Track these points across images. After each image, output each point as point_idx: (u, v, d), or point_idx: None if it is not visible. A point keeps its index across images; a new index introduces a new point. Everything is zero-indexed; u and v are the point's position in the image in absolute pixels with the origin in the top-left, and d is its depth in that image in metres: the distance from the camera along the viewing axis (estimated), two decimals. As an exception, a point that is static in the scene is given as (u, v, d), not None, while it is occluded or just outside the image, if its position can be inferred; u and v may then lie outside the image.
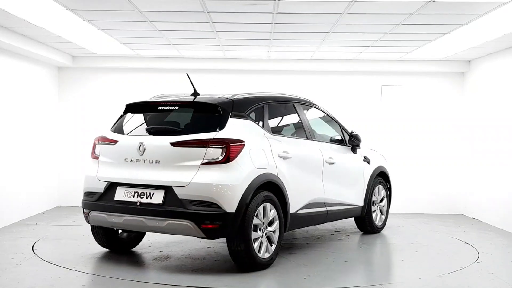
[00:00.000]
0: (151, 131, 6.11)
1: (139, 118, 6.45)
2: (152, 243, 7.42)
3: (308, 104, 7.46)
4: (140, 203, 5.81)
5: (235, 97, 6.26)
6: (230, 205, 5.57)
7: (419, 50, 9.37)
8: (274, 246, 6.11)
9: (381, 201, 8.49)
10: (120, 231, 6.82)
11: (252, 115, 6.28)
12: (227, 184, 5.58)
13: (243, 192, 5.65)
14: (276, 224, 6.13)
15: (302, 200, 6.62)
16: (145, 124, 6.33)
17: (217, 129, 5.80)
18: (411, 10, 6.60)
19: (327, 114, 7.78)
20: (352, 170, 7.80)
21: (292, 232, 8.32)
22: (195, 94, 6.42)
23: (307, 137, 7.03)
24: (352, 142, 7.81)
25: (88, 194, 6.28)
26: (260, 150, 6.03)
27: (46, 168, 10.35)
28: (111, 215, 6.00)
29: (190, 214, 5.54)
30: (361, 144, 8.07)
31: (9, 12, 6.84)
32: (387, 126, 10.85)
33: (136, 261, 6.52)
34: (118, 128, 6.42)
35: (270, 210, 6.05)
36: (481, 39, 8.17)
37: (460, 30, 7.62)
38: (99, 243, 6.81)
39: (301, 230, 8.51)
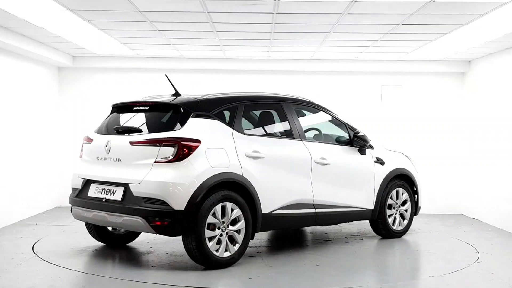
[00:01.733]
0: (118, 131, 6.32)
1: (117, 118, 6.68)
2: (154, 238, 7.47)
3: (306, 105, 7.38)
4: (106, 199, 6.12)
5: (205, 97, 6.39)
6: (179, 203, 5.69)
7: (419, 50, 9.37)
8: (237, 246, 6.11)
9: (403, 204, 8.06)
10: None
11: (221, 114, 6.33)
12: (176, 182, 5.72)
13: (193, 191, 5.74)
14: (240, 224, 6.12)
15: (279, 200, 6.52)
16: (116, 124, 6.59)
17: (175, 129, 5.97)
18: (411, 10, 6.60)
19: (331, 115, 7.59)
20: (356, 171, 7.49)
21: (306, 233, 8.32)
22: (176, 94, 6.59)
23: (293, 137, 6.89)
24: (357, 143, 7.51)
25: (72, 190, 6.71)
26: (219, 150, 6.07)
27: (46, 168, 10.35)
28: (84, 210, 6.37)
29: (141, 211, 5.76)
30: (375, 144, 7.84)
31: (9, 12, 6.84)
32: (387, 126, 10.84)
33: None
34: (99, 127, 6.75)
35: (233, 210, 6.06)
36: (481, 39, 8.16)
37: (460, 30, 7.62)
38: (93, 237, 7.09)
39: (318, 231, 8.49)
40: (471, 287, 5.62)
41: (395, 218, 7.97)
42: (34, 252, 6.75)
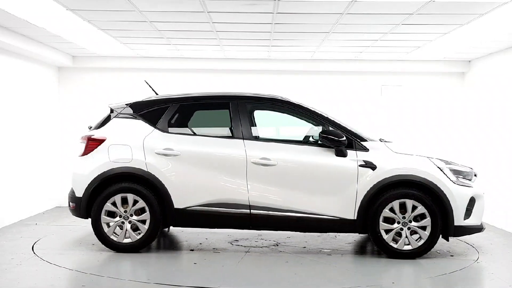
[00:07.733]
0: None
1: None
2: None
3: (280, 105, 6.98)
4: None
5: (143, 99, 7.13)
6: (79, 191, 6.83)
7: (419, 50, 9.37)
8: (140, 235, 6.72)
9: (419, 219, 6.62)
10: None
11: (147, 115, 6.95)
12: (78, 173, 6.90)
13: (90, 181, 6.75)
14: (145, 215, 6.71)
15: (197, 197, 6.65)
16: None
17: (98, 128, 7.02)
18: (411, 10, 6.60)
19: (314, 115, 6.93)
20: (322, 174, 6.66)
21: (321, 239, 8.31)
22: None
23: (233, 136, 6.75)
24: (326, 142, 6.66)
25: None
26: (124, 146, 6.78)
27: (46, 168, 10.36)
28: None
29: (68, 196, 7.09)
30: (374, 146, 6.76)
31: (9, 12, 6.84)
32: (387, 126, 10.84)
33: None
34: None
35: (137, 201, 6.70)
36: (481, 39, 8.17)
37: (460, 30, 7.63)
38: None
39: (326, 238, 8.45)
40: (471, 287, 5.62)
41: (400, 235, 6.65)
42: (34, 252, 6.76)
